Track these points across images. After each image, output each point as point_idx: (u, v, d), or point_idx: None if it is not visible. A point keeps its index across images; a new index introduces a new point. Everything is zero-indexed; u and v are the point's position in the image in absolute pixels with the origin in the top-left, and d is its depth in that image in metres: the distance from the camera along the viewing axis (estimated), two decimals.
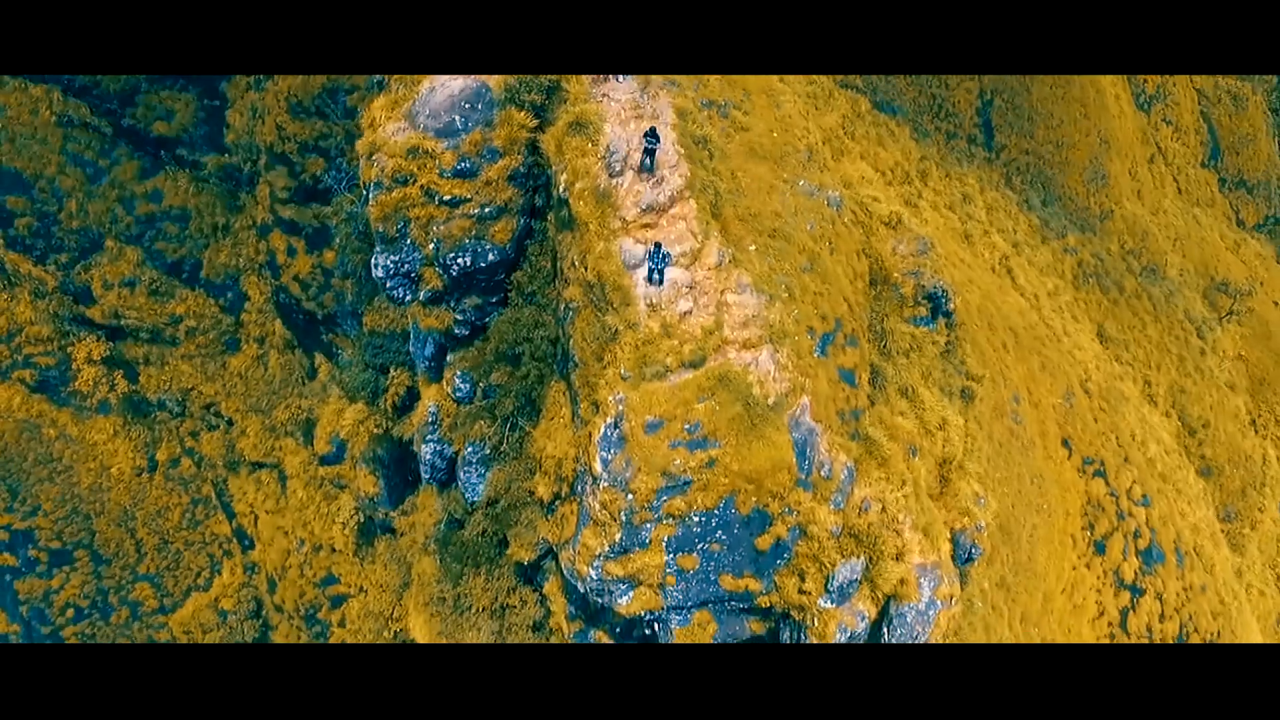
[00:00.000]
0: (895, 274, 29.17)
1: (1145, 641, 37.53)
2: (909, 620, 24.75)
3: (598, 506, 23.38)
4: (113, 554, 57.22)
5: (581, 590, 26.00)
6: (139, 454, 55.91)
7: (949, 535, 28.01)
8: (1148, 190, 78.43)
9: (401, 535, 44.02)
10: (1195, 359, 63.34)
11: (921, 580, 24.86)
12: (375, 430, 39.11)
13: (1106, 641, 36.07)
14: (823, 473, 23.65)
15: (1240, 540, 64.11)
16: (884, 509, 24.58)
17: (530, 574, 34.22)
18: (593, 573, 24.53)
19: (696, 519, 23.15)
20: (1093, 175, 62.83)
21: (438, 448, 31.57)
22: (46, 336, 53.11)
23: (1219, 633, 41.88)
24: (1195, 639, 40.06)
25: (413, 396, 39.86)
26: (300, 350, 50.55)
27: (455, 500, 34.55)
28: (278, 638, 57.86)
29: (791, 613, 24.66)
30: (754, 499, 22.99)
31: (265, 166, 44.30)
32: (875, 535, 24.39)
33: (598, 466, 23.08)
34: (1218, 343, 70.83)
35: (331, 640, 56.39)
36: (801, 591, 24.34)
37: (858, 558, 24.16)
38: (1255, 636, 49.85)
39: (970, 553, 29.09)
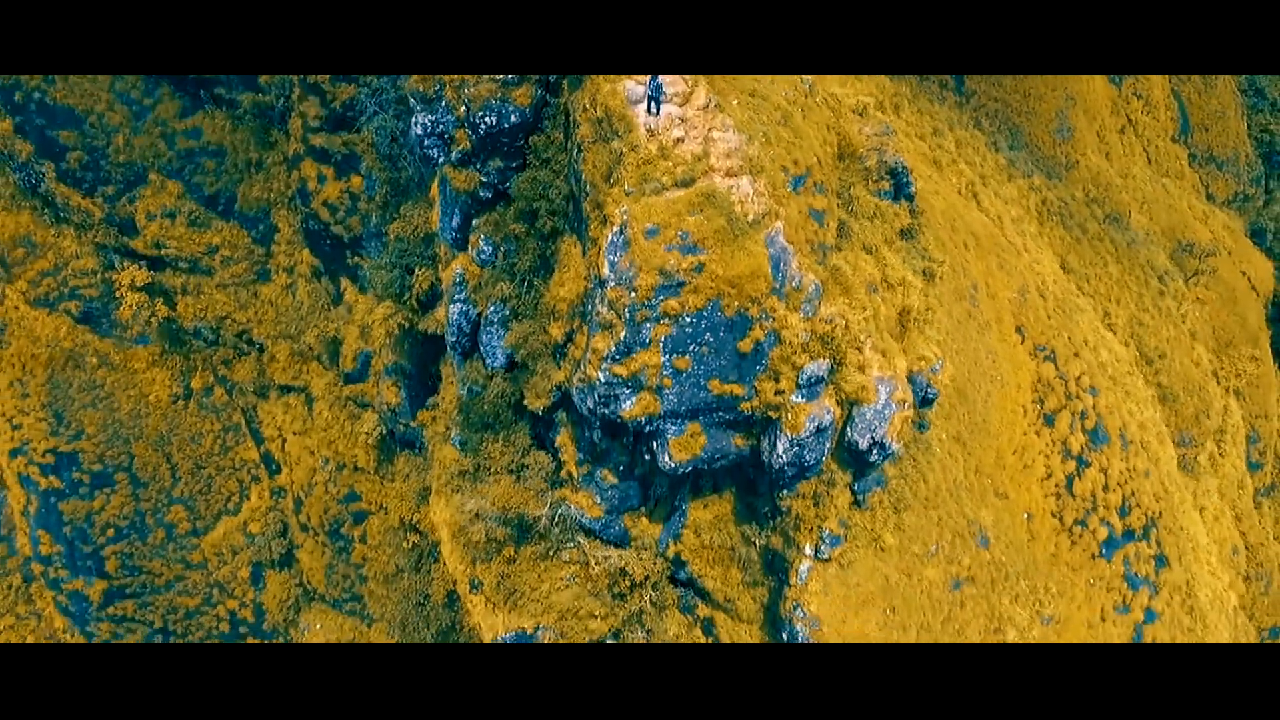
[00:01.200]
0: (861, 149, 33.83)
1: (1089, 509, 41.98)
2: (868, 418, 29.28)
3: (605, 310, 27.96)
4: (150, 477, 61.41)
5: (590, 407, 30.52)
6: (175, 382, 60.27)
7: (906, 374, 32.58)
8: (1117, 155, 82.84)
9: (425, 429, 48.35)
10: (1154, 299, 67.95)
11: (879, 387, 29.42)
12: (402, 323, 43.58)
13: (1052, 501, 40.55)
14: (794, 284, 28.23)
15: (1195, 469, 68.65)
16: (847, 326, 29.18)
17: (543, 432, 38.77)
18: (601, 376, 29.08)
19: (688, 320, 27.70)
20: (1059, 127, 67.66)
21: (464, 308, 36.07)
22: (91, 270, 57.64)
23: (1160, 513, 46.30)
24: (1137, 514, 44.48)
25: (434, 295, 44.52)
26: (326, 278, 55.07)
27: (476, 370, 39.02)
28: (303, 555, 62.10)
29: (769, 413, 29.22)
30: (736, 303, 27.57)
31: (298, 99, 48.98)
32: (839, 343, 28.98)
33: (605, 270, 27.69)
34: (1180, 293, 75.28)
35: (354, 556, 60.63)
36: (777, 393, 28.90)
37: (824, 359, 28.74)
38: (1199, 531, 54.29)
39: (926, 393, 33.62)
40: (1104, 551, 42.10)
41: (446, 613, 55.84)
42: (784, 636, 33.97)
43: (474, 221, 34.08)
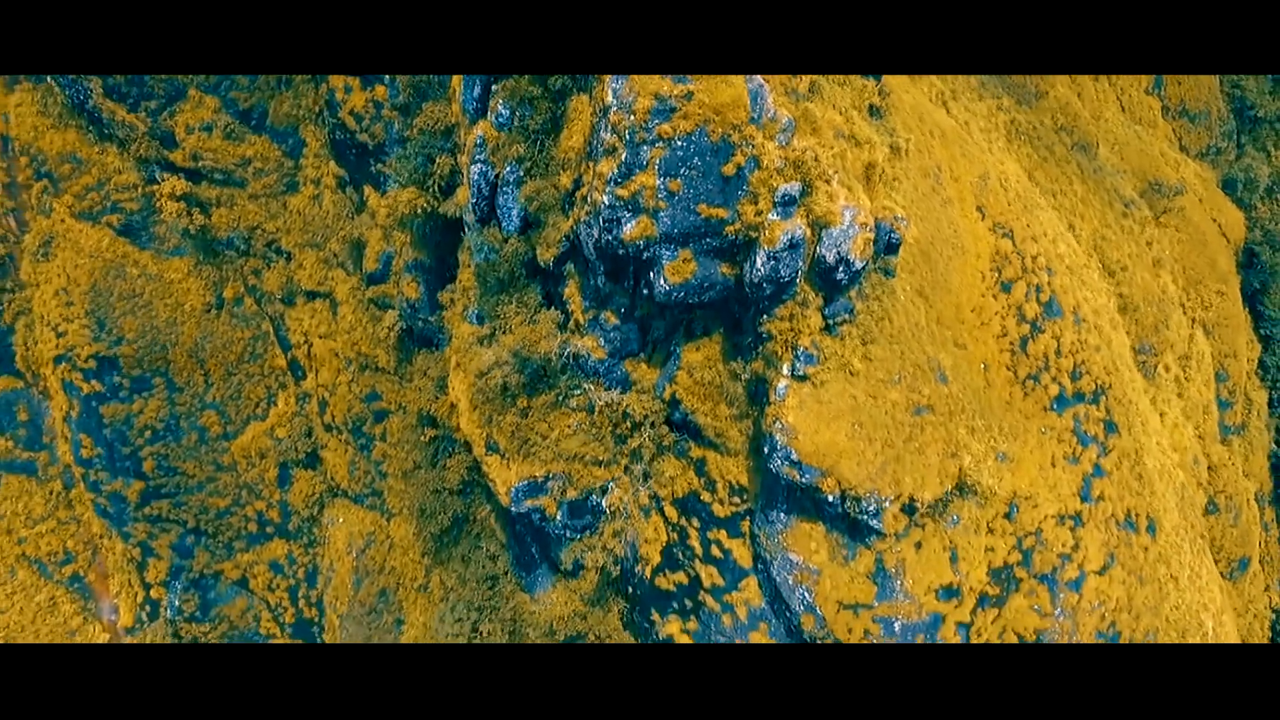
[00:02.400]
0: None
1: (1041, 367, 46.82)
2: (835, 236, 34.14)
3: (608, 136, 32.80)
4: (184, 383, 66.20)
5: (595, 235, 35.41)
6: (208, 291, 65.07)
7: (872, 218, 37.44)
8: (1089, 97, 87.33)
9: (443, 312, 53.09)
10: (1118, 219, 72.73)
11: (844, 212, 34.29)
12: (424, 206, 48.38)
13: (1007, 356, 45.40)
14: (769, 116, 33.06)
15: (1155, 378, 73.44)
16: (817, 159, 34.03)
17: (552, 288, 43.66)
18: (605, 199, 33.96)
19: (679, 143, 32.54)
20: None
21: (483, 169, 40.88)
22: (132, 184, 62.41)
23: (1110, 385, 51.12)
24: (1087, 380, 49.29)
25: (454, 181, 49.33)
26: (351, 187, 59.89)
27: (493, 235, 43.84)
28: (327, 454, 66.93)
29: (749, 234, 34.12)
30: (720, 129, 32.38)
31: None
32: (810, 171, 33.83)
33: (609, 98, 32.55)
34: (1145, 219, 79.89)
35: (374, 453, 65.45)
36: (756, 214, 33.78)
37: (797, 181, 33.60)
38: (1151, 415, 59.10)
39: (890, 239, 38.48)
40: (1055, 407, 46.94)
41: (460, 500, 60.70)
42: (765, 450, 38.84)
43: (493, 88, 38.87)
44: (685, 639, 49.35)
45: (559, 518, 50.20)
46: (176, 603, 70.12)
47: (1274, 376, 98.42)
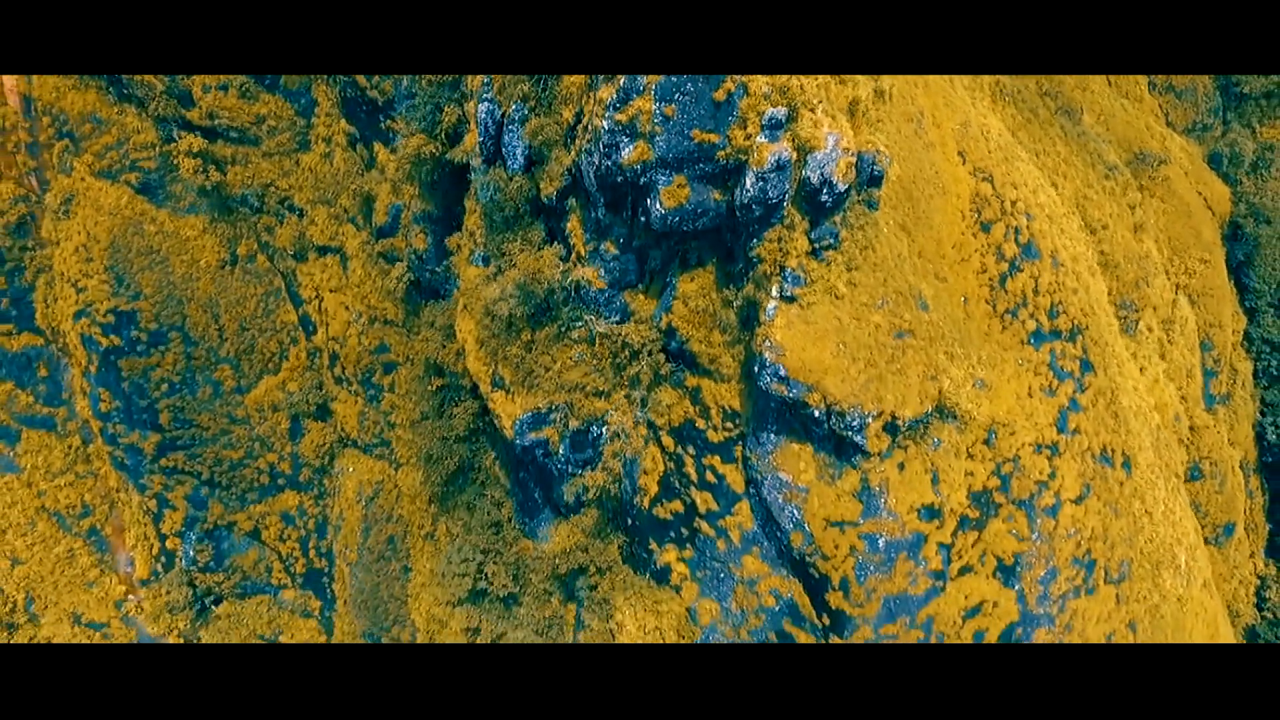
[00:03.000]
0: None
1: (1019, 303, 49.29)
2: (819, 159, 36.66)
3: None
4: (200, 337, 68.72)
5: (596, 162, 37.92)
6: (223, 248, 67.59)
7: (855, 151, 39.92)
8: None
9: (452, 258, 55.58)
10: (1100, 180, 75.17)
11: (828, 137, 36.80)
12: (433, 152, 50.83)
13: (986, 291, 47.90)
14: None
15: (1137, 335, 75.85)
16: (802, 88, 36.53)
17: (555, 224, 46.16)
18: (605, 124, 36.49)
19: None
20: None
21: (489, 108, 43.38)
22: (150, 144, 64.92)
23: (1087, 326, 53.60)
24: (1064, 319, 51.76)
25: (461, 130, 51.78)
26: (361, 144, 62.37)
27: (498, 175, 46.31)
28: (337, 405, 69.39)
29: (739, 157, 36.65)
30: None
31: None
32: (795, 98, 36.33)
33: None
34: (1128, 183, 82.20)
35: (383, 404, 67.94)
36: (745, 138, 36.30)
37: (784, 106, 36.10)
38: (1127, 361, 61.56)
39: (873, 171, 40.95)
40: (1032, 341, 49.45)
41: (466, 447, 63.24)
42: (755, 370, 41.36)
43: None
44: (682, 568, 51.89)
45: (561, 452, 52.71)
46: (191, 553, 72.63)
47: (1259, 348, 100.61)
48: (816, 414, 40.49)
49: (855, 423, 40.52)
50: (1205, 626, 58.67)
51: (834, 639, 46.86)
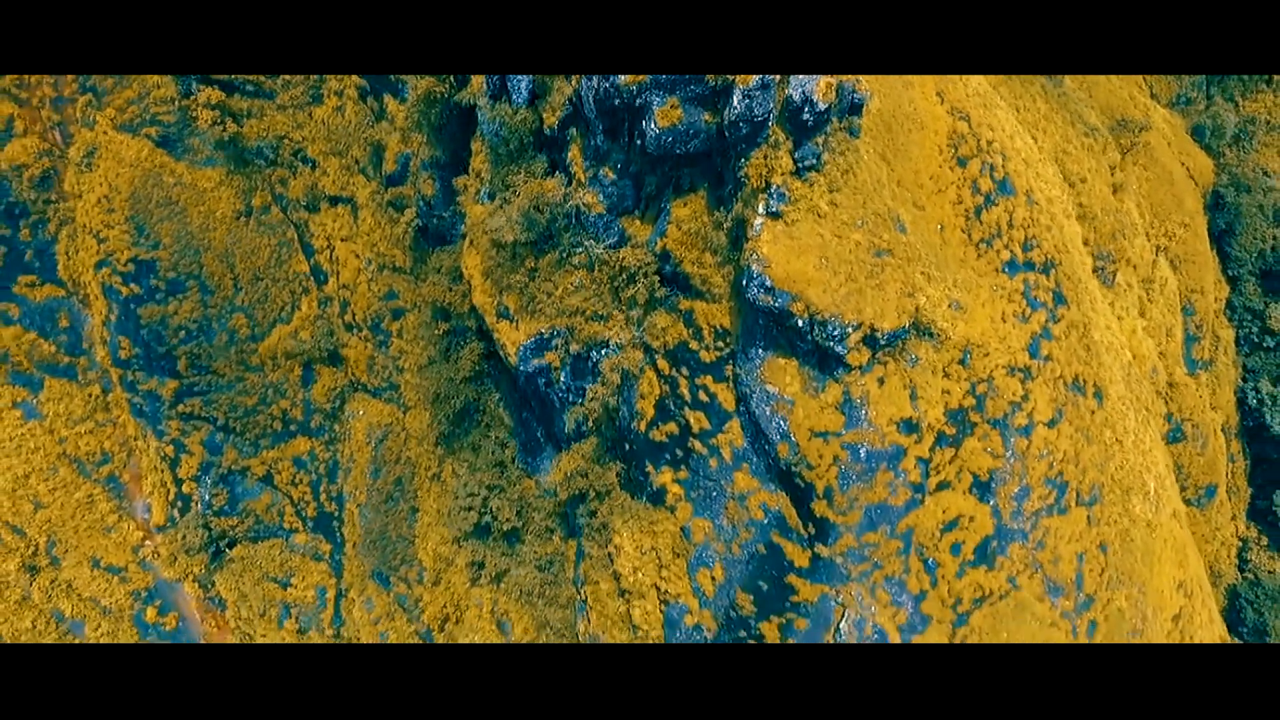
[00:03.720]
0: None
1: (994, 234, 52.37)
2: (801, 79, 39.80)
3: None
4: (216, 285, 71.76)
5: (595, 85, 41.02)
6: (238, 200, 70.63)
7: (835, 81, 43.01)
8: None
9: (459, 197, 58.63)
10: (1080, 138, 78.20)
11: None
12: (443, 93, 53.88)
13: (962, 220, 50.99)
14: None
15: (1115, 286, 78.77)
16: None
17: (557, 156, 49.24)
18: None
19: None
20: None
21: None
22: (170, 98, 67.95)
23: (1060, 262, 56.67)
24: (1038, 253, 54.81)
25: (467, 75, 54.76)
26: (372, 97, 65.44)
27: (503, 110, 49.39)
28: (348, 352, 72.46)
29: (727, 77, 39.83)
30: None
31: None
32: None
33: None
34: (1106, 142, 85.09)
35: (392, 349, 70.98)
36: None
37: None
38: (1100, 301, 64.62)
39: (853, 99, 44.05)
40: (1006, 270, 52.56)
41: (472, 387, 66.34)
42: (744, 283, 44.47)
43: None
44: (677, 489, 54.99)
45: (563, 379, 55.82)
46: (207, 496, 75.72)
47: (1241, 316, 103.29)
48: (800, 324, 43.57)
49: (836, 332, 43.59)
50: (1174, 553, 61.76)
51: (819, 547, 49.94)
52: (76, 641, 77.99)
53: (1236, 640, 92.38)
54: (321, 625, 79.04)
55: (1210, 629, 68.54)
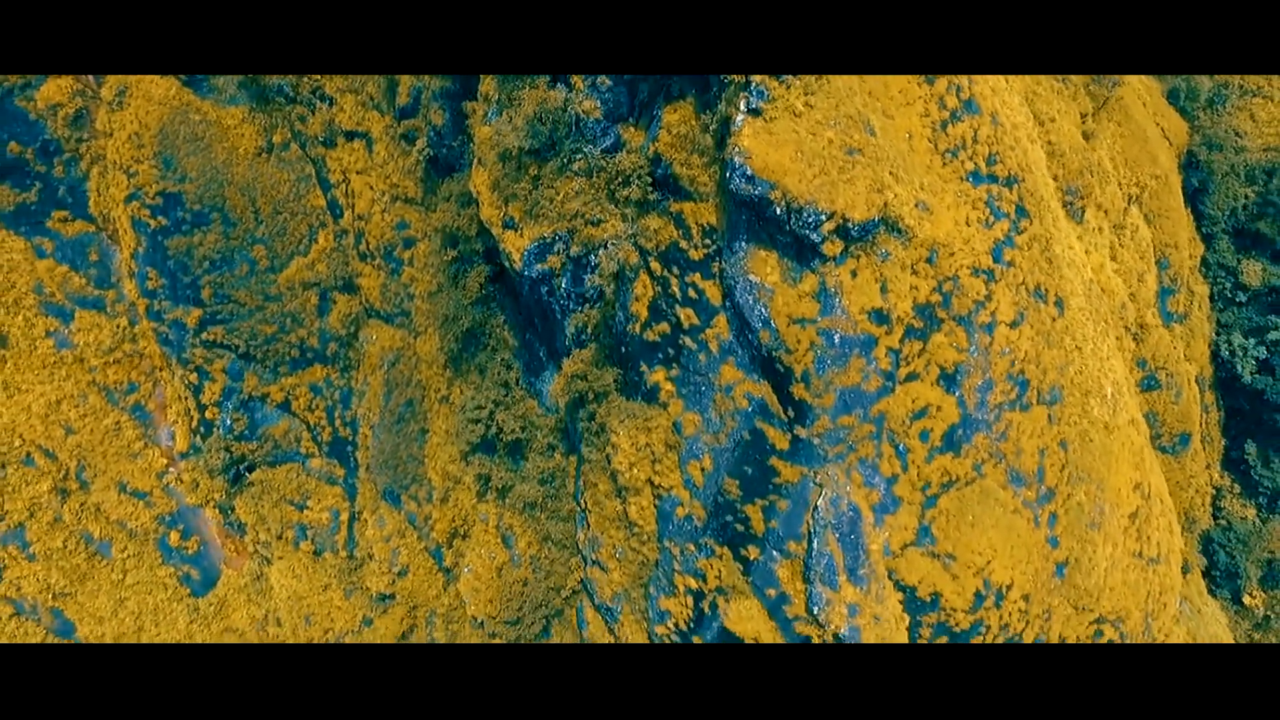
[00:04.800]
0: None
1: (959, 146, 57.12)
2: None
3: None
4: (238, 218, 76.61)
5: None
6: (260, 136, 75.45)
7: None
8: None
9: (469, 121, 63.44)
10: (1050, 82, 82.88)
11: None
12: None
13: (929, 131, 55.76)
14: None
15: (1084, 222, 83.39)
16: None
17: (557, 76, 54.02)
18: None
19: None
20: None
21: None
22: None
23: (1024, 179, 61.41)
24: (1001, 168, 59.53)
25: None
26: None
27: None
28: (362, 281, 77.29)
29: None
30: None
31: None
32: None
33: None
34: (1076, 90, 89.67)
35: (403, 277, 75.78)
36: None
37: None
38: (1062, 219, 69.36)
39: None
40: (970, 179, 57.35)
41: (480, 309, 71.21)
42: (727, 175, 49.31)
43: None
44: (669, 386, 59.78)
45: (564, 286, 60.65)
46: (229, 421, 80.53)
47: (1215, 273, 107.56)
48: (778, 212, 48.39)
49: (810, 219, 48.42)
50: (1131, 456, 66.51)
51: (798, 429, 54.71)
52: (104, 562, 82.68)
53: (1200, 556, 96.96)
54: (336, 546, 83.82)
55: (1170, 540, 73.23)
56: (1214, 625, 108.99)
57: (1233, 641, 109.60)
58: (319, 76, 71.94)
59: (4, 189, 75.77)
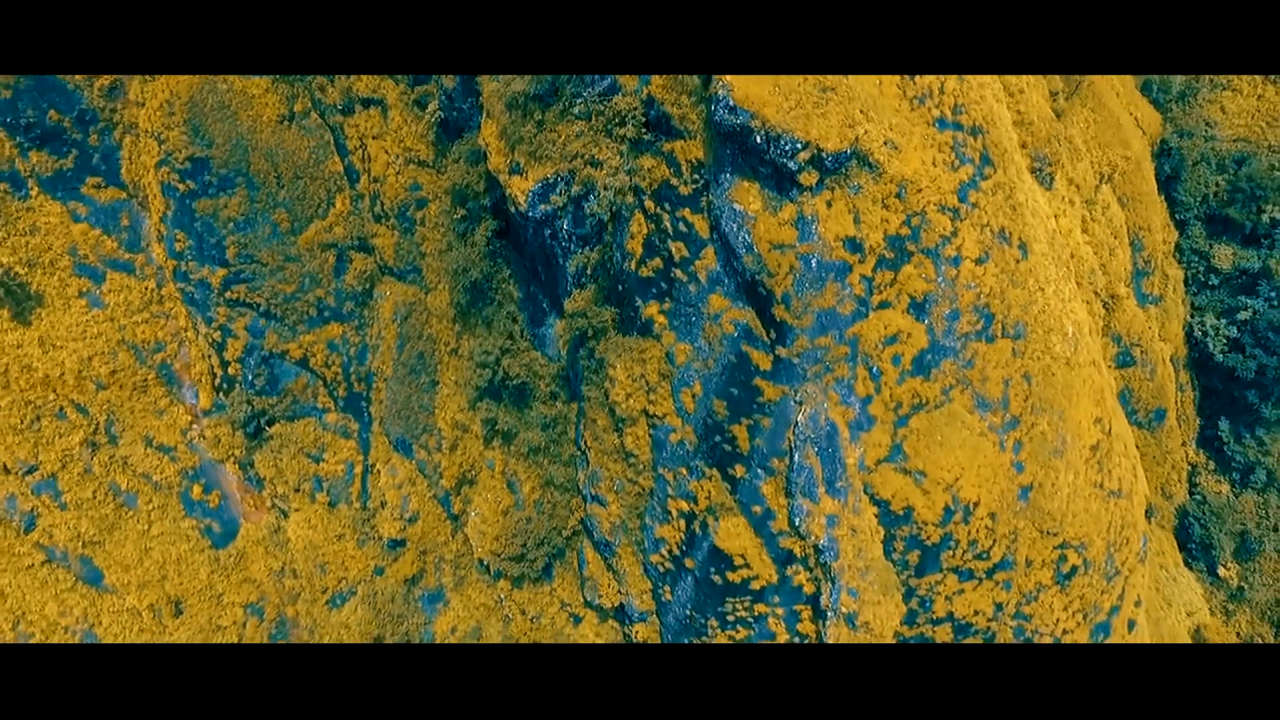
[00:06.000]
0: None
1: (926, 95, 62.62)
2: None
3: None
4: (261, 182, 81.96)
5: None
6: (282, 105, 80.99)
7: None
8: None
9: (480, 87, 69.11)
10: None
11: None
12: None
13: (897, 78, 61.28)
14: None
15: (1053, 188, 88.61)
16: None
17: None
18: None
19: None
20: None
21: None
22: None
23: (988, 130, 66.86)
24: (965, 118, 64.99)
25: None
26: None
27: None
28: (378, 241, 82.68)
29: None
30: None
31: None
32: None
33: None
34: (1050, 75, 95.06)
35: (416, 236, 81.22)
36: None
37: None
38: (1026, 175, 74.68)
39: None
40: (937, 125, 62.83)
41: (488, 263, 76.58)
42: (712, 109, 54.83)
43: None
44: (662, 319, 64.94)
45: (565, 226, 66.03)
46: (250, 376, 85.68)
47: (1189, 258, 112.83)
48: (758, 140, 53.83)
49: (788, 147, 53.85)
50: (1093, 393, 71.44)
51: (779, 349, 59.83)
52: (130, 512, 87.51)
53: (1163, 498, 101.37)
54: (350, 498, 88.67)
55: (1133, 482, 77.99)
56: (1189, 593, 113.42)
57: (1207, 609, 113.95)
58: None
59: (43, 155, 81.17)
